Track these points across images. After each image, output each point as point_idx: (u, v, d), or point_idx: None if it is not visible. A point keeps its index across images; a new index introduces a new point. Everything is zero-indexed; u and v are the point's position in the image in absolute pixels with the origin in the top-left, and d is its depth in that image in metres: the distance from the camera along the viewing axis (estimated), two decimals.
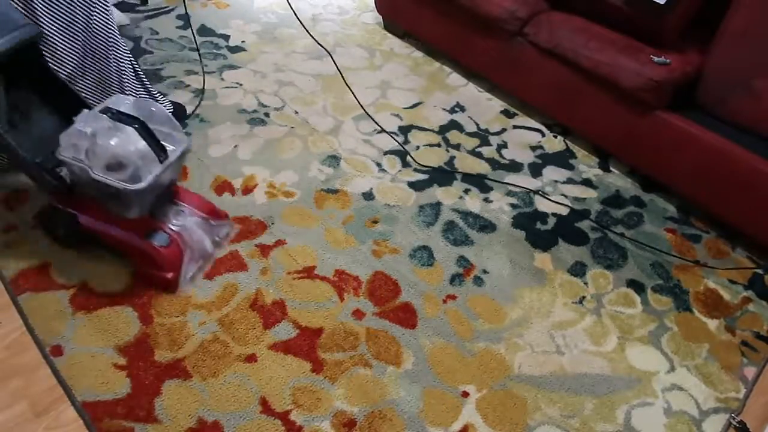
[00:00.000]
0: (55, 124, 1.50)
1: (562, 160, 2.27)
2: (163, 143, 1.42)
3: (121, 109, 1.40)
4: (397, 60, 2.73)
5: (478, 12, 2.33)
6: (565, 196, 2.09)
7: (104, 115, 1.38)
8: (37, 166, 1.42)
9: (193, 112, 2.18)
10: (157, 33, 2.59)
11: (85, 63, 1.72)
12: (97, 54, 1.73)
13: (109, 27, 1.73)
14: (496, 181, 2.09)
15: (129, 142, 1.35)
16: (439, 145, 2.23)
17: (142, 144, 1.36)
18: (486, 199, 2.02)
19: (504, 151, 2.26)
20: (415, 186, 2.03)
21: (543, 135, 2.39)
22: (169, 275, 1.51)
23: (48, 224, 1.59)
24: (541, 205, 2.04)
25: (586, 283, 1.77)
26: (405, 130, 2.28)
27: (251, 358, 1.44)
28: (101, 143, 1.33)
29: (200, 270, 1.61)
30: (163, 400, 1.33)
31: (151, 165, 1.38)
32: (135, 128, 1.37)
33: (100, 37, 1.71)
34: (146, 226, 1.49)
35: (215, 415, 1.32)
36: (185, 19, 2.69)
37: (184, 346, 1.45)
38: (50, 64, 1.59)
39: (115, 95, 1.48)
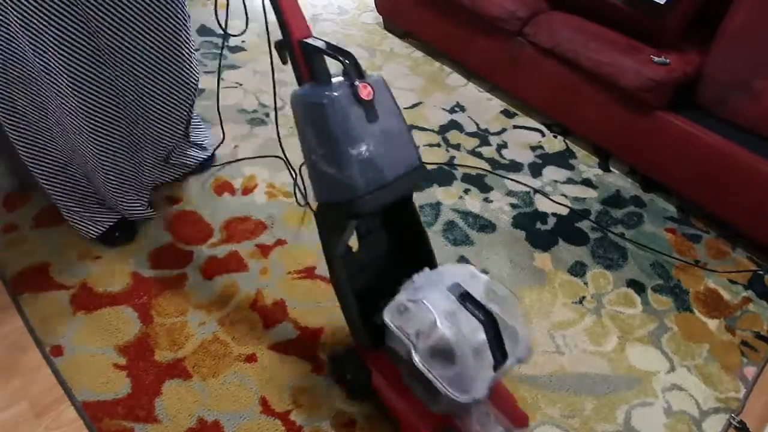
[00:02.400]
0: (388, 262, 1.30)
1: (562, 160, 2.27)
2: (505, 343, 1.11)
3: (472, 291, 1.13)
4: (397, 60, 2.73)
5: (478, 12, 2.33)
6: (565, 196, 2.09)
7: (450, 293, 1.12)
8: (358, 310, 1.23)
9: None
10: None
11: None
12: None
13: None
14: (499, 175, 2.10)
15: (469, 337, 1.06)
16: (439, 145, 2.23)
17: (482, 342, 1.07)
18: (486, 199, 2.02)
19: (504, 151, 2.26)
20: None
21: (543, 135, 2.39)
22: None
23: (338, 364, 1.41)
24: (541, 205, 2.04)
25: (586, 283, 1.77)
26: None
27: (251, 358, 1.44)
28: (437, 326, 1.07)
29: None
30: (163, 400, 1.33)
31: (483, 370, 1.07)
32: (481, 322, 1.08)
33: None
34: (441, 421, 1.19)
35: (215, 415, 1.32)
36: None
37: (184, 346, 1.45)
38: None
39: (463, 266, 1.22)
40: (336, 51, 1.08)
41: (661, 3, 1.93)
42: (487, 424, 1.18)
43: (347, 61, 1.06)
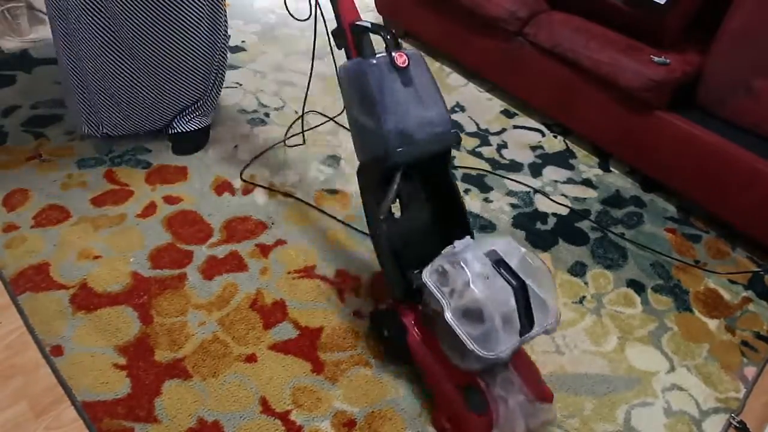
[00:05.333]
0: (428, 230, 1.39)
1: (562, 160, 2.27)
2: (533, 312, 1.18)
3: (508, 260, 1.20)
4: None
5: (478, 12, 2.33)
6: (565, 196, 2.09)
7: (487, 258, 1.19)
8: (395, 264, 1.33)
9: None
10: None
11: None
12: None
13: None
14: (499, 175, 2.10)
15: (499, 300, 1.14)
16: None
17: (512, 307, 1.14)
18: (486, 199, 2.02)
19: (504, 151, 2.26)
20: None
21: (543, 135, 2.39)
22: None
23: (378, 320, 1.49)
24: (542, 205, 2.04)
25: (586, 283, 1.77)
26: None
27: (251, 358, 1.44)
28: (469, 286, 1.14)
29: None
30: (163, 400, 1.33)
31: (509, 333, 1.13)
32: (512, 287, 1.15)
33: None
34: (468, 380, 1.24)
35: (215, 415, 1.32)
36: None
37: (184, 346, 1.45)
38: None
39: (505, 238, 1.27)
40: (378, 27, 1.30)
41: (661, 3, 1.93)
42: (509, 389, 1.24)
43: (385, 34, 1.26)
